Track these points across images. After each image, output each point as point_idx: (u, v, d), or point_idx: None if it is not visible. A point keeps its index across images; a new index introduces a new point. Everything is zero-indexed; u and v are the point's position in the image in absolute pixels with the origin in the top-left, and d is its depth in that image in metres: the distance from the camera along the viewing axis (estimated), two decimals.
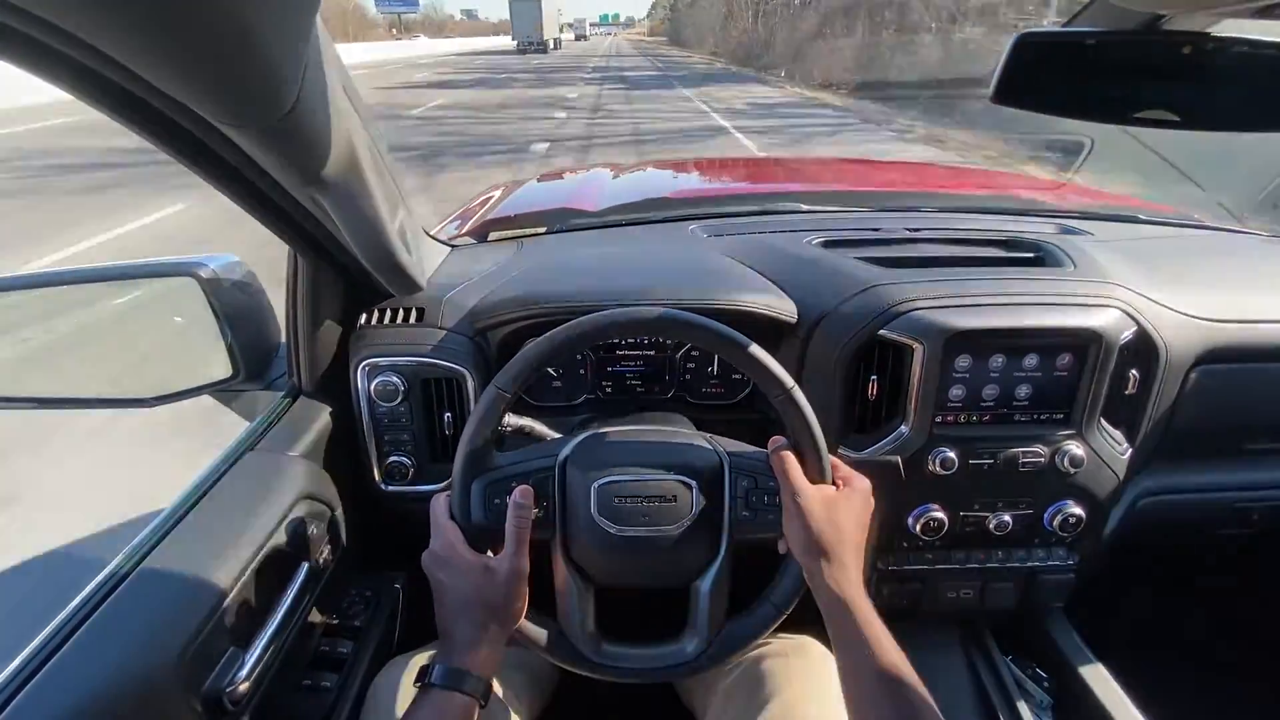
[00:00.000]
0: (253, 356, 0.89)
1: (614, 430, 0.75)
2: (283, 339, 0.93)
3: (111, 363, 0.93)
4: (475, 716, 0.62)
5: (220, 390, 0.90)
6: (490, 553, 0.67)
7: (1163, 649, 1.19)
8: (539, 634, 0.70)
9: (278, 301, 0.90)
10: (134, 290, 0.91)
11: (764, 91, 17.17)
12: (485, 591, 0.65)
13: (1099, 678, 0.99)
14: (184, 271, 0.84)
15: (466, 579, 0.65)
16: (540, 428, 0.85)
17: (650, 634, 0.72)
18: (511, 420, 0.82)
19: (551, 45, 45.74)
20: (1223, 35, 0.56)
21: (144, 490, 1.77)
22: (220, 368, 0.87)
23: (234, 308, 0.86)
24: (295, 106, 0.45)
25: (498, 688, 0.81)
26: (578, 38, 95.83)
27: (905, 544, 0.95)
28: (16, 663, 0.54)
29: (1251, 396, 0.95)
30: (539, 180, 1.94)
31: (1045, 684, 1.04)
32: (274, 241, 0.75)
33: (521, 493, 0.66)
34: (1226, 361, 0.92)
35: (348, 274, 0.88)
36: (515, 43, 44.90)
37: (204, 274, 0.83)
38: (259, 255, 0.97)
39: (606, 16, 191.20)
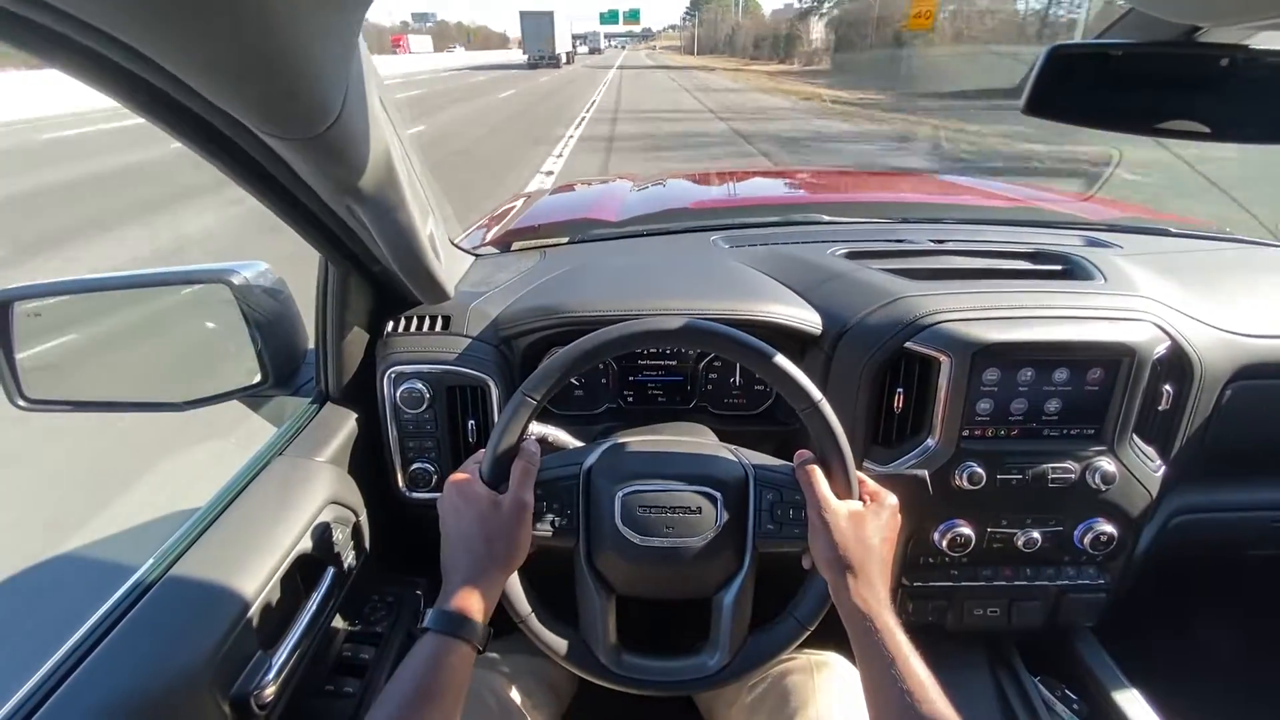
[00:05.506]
0: (281, 362, 0.90)
1: (639, 440, 0.75)
2: (311, 346, 0.94)
3: (146, 367, 0.96)
4: (471, 663, 0.60)
5: (249, 395, 0.92)
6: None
7: (1196, 671, 1.15)
8: (559, 643, 0.69)
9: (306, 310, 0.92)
10: (170, 296, 0.93)
11: None
12: (489, 523, 0.64)
13: (1130, 700, 0.96)
14: (217, 278, 0.85)
15: (474, 509, 0.65)
16: (563, 436, 0.85)
17: (671, 646, 0.72)
18: (534, 428, 0.82)
19: (564, 60, 46.10)
20: (1260, 48, 0.56)
21: None
22: (250, 373, 0.88)
23: (264, 314, 0.87)
24: (338, 119, 0.46)
25: (516, 697, 0.81)
26: (592, 51, 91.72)
27: (931, 560, 0.94)
28: (50, 664, 0.55)
29: None
30: (560, 191, 1.96)
31: (1074, 706, 1.01)
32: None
33: (531, 442, 0.70)
34: (1263, 377, 0.90)
35: (376, 282, 0.90)
36: (527, 57, 45.46)
37: (236, 280, 0.85)
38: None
39: (614, 15, 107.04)
